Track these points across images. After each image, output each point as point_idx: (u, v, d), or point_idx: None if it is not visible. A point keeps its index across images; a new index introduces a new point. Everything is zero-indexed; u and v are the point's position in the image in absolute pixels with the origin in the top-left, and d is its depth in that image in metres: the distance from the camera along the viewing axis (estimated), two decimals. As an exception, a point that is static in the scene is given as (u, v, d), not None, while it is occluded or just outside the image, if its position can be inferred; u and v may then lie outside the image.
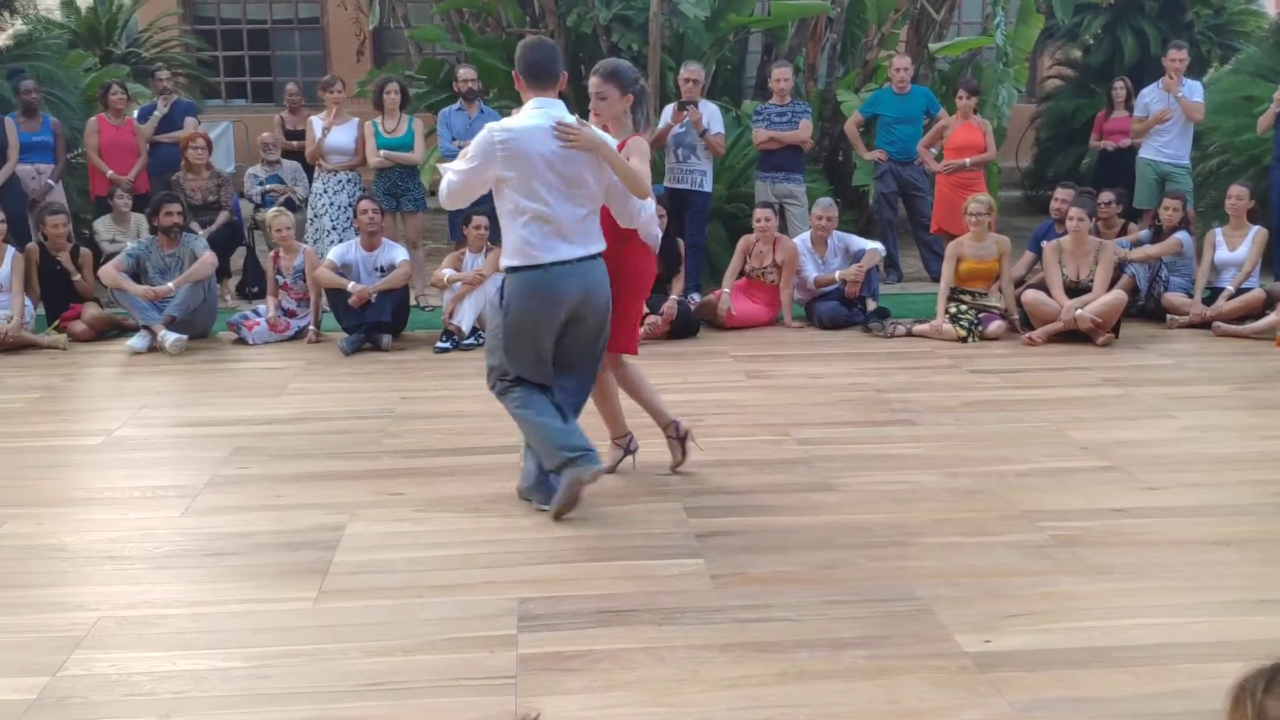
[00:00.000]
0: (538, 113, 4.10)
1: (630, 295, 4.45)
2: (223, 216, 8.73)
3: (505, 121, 4.16)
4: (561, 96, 4.20)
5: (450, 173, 4.15)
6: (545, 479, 4.27)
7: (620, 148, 4.24)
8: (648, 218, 4.43)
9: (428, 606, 3.49)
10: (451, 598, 3.56)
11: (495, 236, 7.86)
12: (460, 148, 8.09)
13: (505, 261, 4.19)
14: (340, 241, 7.98)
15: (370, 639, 3.29)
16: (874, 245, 8.01)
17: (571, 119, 4.10)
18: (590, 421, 4.51)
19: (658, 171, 7.26)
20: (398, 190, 8.44)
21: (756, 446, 5.06)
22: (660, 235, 4.66)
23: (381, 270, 7.50)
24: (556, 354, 4.23)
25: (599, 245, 4.21)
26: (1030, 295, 7.41)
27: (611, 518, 4.23)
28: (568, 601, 3.52)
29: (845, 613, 3.42)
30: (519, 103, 4.23)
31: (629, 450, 4.72)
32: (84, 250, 7.91)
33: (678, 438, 4.70)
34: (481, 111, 8.44)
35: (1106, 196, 8.37)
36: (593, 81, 4.41)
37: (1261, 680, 1.44)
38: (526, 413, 4.20)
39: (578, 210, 4.12)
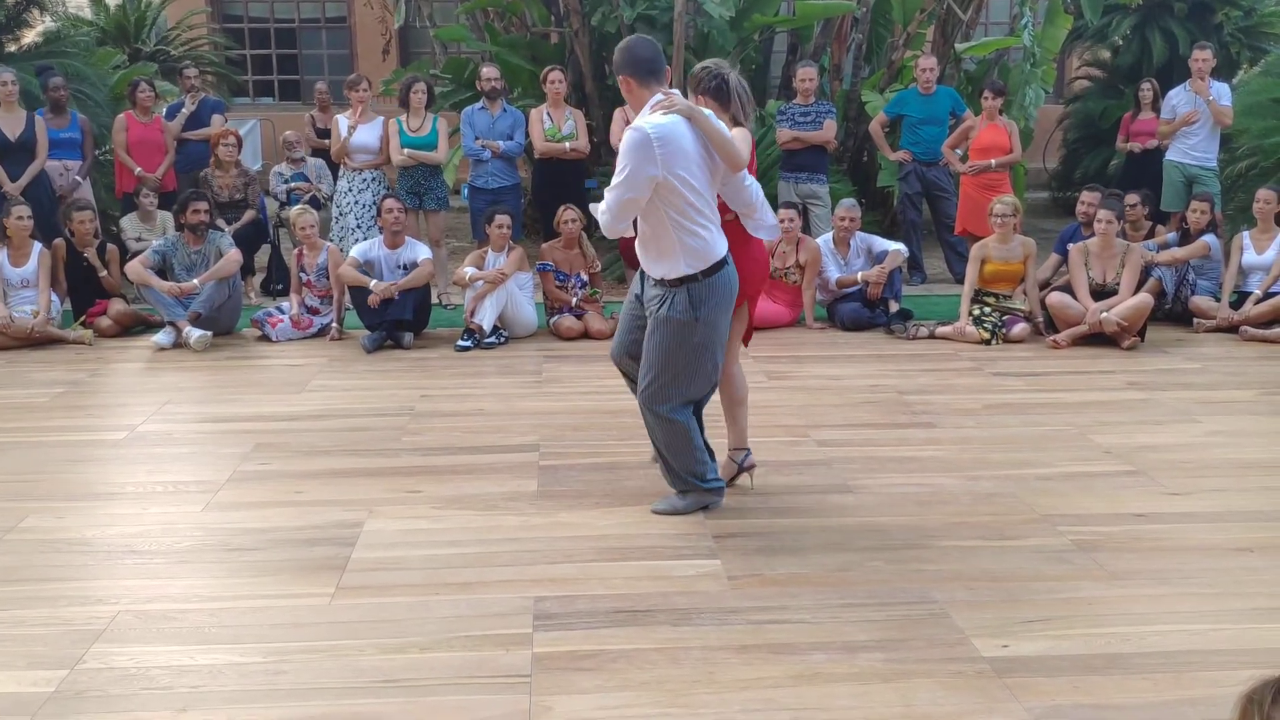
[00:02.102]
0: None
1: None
2: (249, 214, 8.78)
3: (644, 120, 3.91)
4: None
5: (606, 196, 3.95)
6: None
7: None
8: (762, 201, 4.27)
9: (444, 604, 3.50)
10: (467, 596, 3.56)
11: (517, 235, 7.90)
12: (483, 146, 8.28)
13: (685, 270, 3.97)
14: (365, 240, 8.02)
15: (386, 636, 3.30)
16: (897, 246, 7.98)
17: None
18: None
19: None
20: (421, 189, 8.46)
21: (775, 447, 5.05)
22: (779, 225, 4.48)
23: (404, 268, 7.51)
24: None
25: None
26: (1055, 298, 7.36)
27: (628, 518, 4.23)
28: (583, 601, 3.52)
29: (861, 615, 3.41)
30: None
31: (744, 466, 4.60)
32: (110, 246, 7.97)
33: (739, 464, 4.57)
34: (504, 110, 8.42)
35: (1134, 199, 8.32)
36: None
37: (1269, 691, 1.43)
38: (691, 431, 4.17)
39: (715, 199, 4.09)
